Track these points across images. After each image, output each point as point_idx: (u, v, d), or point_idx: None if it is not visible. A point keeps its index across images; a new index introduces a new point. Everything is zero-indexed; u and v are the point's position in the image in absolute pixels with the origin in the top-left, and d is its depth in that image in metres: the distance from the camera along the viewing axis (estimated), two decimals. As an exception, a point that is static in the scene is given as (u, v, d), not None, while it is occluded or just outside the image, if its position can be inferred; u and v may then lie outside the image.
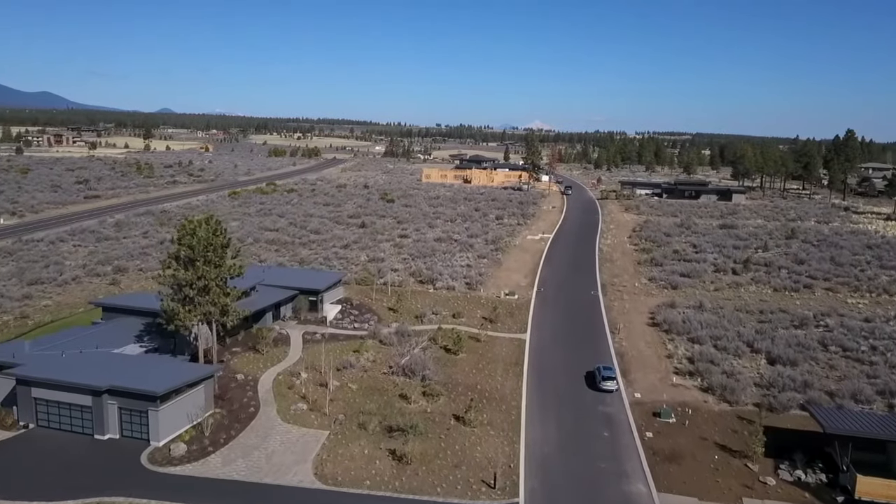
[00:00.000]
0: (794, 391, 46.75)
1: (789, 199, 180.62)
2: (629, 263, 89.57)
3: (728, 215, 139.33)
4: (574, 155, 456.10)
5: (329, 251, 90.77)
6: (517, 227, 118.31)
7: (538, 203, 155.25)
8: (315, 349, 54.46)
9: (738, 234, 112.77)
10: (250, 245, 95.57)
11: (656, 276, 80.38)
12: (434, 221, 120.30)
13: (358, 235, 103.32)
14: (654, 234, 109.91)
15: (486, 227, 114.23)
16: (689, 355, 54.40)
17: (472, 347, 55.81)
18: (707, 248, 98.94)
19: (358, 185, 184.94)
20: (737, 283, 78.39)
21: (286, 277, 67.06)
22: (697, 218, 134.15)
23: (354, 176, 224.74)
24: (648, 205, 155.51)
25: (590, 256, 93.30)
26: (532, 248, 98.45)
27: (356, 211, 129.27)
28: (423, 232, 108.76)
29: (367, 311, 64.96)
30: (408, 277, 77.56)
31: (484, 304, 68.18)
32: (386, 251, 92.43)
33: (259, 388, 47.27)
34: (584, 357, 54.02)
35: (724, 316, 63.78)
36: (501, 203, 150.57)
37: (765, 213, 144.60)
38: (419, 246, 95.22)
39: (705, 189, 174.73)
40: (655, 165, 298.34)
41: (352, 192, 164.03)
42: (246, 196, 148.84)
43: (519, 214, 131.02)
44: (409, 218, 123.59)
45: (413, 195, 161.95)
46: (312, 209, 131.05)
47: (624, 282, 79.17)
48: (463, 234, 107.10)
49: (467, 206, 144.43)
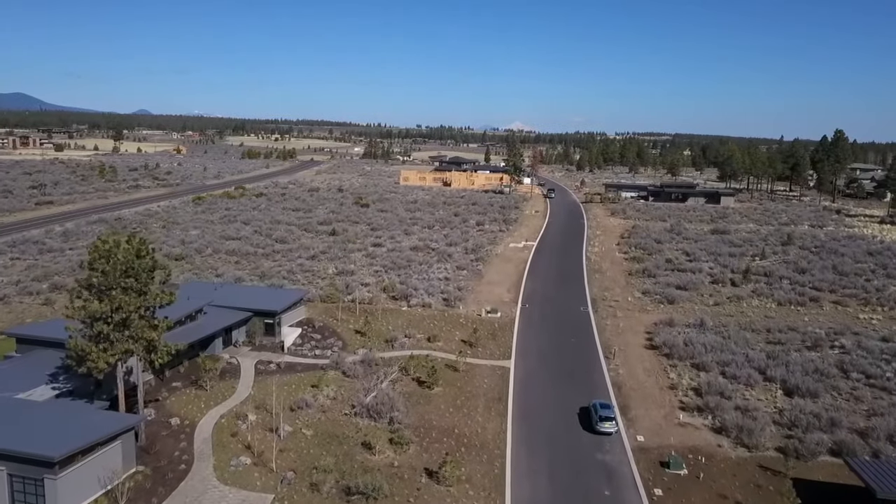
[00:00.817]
0: (819, 430, 40.62)
1: (778, 202, 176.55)
2: (620, 274, 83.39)
3: (719, 219, 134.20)
4: (555, 156, 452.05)
5: (294, 263, 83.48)
6: (499, 233, 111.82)
7: (521, 207, 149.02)
8: (268, 383, 47.34)
9: (731, 240, 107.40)
10: (208, 256, 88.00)
11: (650, 289, 74.21)
12: (411, 228, 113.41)
13: (327, 244, 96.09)
14: (644, 240, 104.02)
15: (465, 235, 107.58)
16: (695, 385, 48.12)
17: (450, 379, 49.03)
18: (701, 256, 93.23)
19: (332, 188, 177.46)
20: (737, 295, 72.52)
21: (240, 297, 59.78)
22: (687, 222, 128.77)
23: (329, 179, 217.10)
24: (635, 208, 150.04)
25: (577, 266, 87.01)
26: (515, 258, 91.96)
27: (327, 217, 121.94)
28: (399, 240, 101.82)
29: (331, 335, 57.87)
30: (379, 293, 70.61)
31: (463, 325, 61.45)
32: (357, 262, 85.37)
33: (196, 435, 40.09)
34: (577, 389, 47.53)
35: (729, 336, 57.66)
36: (482, 207, 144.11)
37: (755, 217, 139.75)
38: (393, 256, 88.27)
39: (693, 191, 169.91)
40: (639, 167, 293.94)
41: (325, 197, 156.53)
42: (211, 201, 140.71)
43: (501, 220, 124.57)
44: (385, 224, 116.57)
45: (390, 199, 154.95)
46: (281, 215, 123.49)
47: (616, 296, 72.91)
48: (441, 242, 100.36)
49: (446, 210, 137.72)
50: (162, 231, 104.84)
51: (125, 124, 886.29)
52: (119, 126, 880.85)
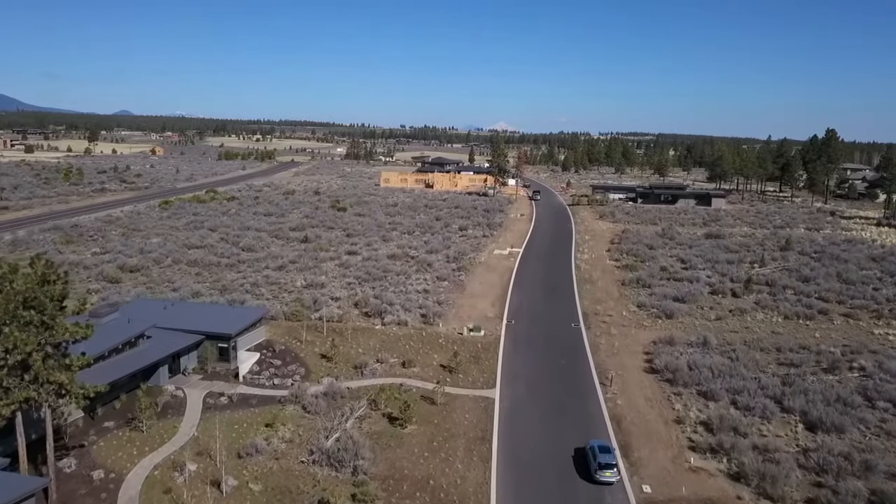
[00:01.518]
0: (853, 476, 35.18)
1: (770, 203, 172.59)
2: (612, 284, 77.87)
3: (711, 222, 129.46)
4: (540, 156, 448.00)
5: (260, 275, 77.04)
6: (483, 239, 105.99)
7: (505, 210, 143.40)
8: (216, 421, 41.10)
9: (727, 245, 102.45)
10: (167, 268, 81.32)
11: (646, 302, 68.73)
12: (389, 234, 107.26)
13: (298, 253, 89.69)
14: (636, 246, 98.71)
15: (447, 241, 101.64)
16: (705, 418, 42.57)
17: (426, 414, 43.06)
18: (697, 263, 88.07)
19: (308, 191, 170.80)
20: (740, 308, 67.21)
21: (192, 317, 53.46)
22: (679, 226, 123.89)
23: (307, 181, 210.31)
24: (623, 211, 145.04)
25: (566, 276, 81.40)
26: (500, 266, 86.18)
27: (301, 222, 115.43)
28: (376, 247, 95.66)
29: (293, 361, 51.65)
30: (350, 309, 64.48)
31: (442, 345, 55.50)
32: (329, 273, 79.10)
33: (121, 495, 33.81)
34: (571, 425, 41.79)
35: (737, 358, 52.21)
36: (465, 211, 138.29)
37: (749, 220, 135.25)
38: (369, 266, 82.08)
39: (683, 193, 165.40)
40: (625, 167, 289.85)
41: (300, 200, 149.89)
42: (179, 206, 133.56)
43: (484, 224, 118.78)
44: (361, 230, 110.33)
45: (368, 202, 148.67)
46: (251, 221, 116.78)
47: (609, 309, 67.33)
48: (421, 249, 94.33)
49: (427, 214, 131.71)
50: (120, 239, 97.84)
51: (104, 125, 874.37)
52: (97, 127, 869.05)
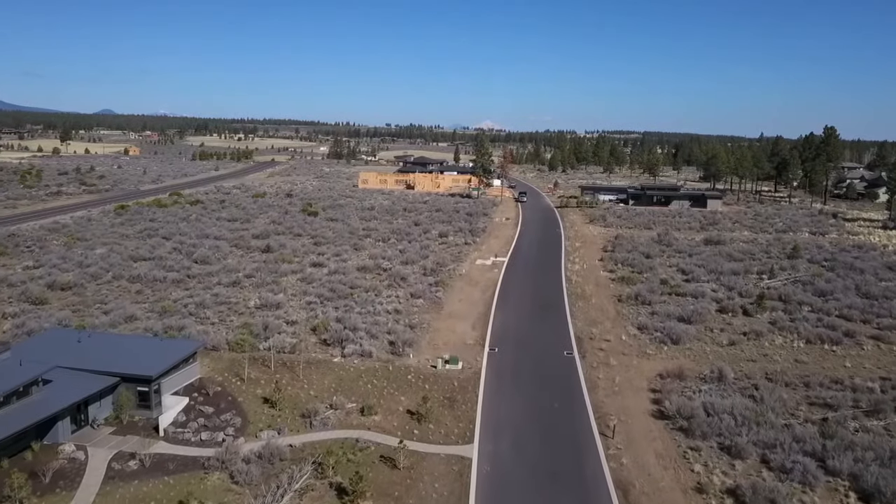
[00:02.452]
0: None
1: (767, 204, 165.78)
2: (608, 301, 69.71)
3: (709, 226, 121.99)
4: (526, 155, 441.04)
5: (210, 292, 68.08)
6: (464, 247, 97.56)
7: (490, 214, 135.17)
8: (117, 498, 32.37)
9: (729, 252, 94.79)
10: (105, 284, 72.14)
11: (647, 324, 60.58)
12: (362, 242, 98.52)
13: (257, 265, 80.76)
14: (631, 255, 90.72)
15: (425, 250, 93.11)
16: (732, 484, 34.42)
17: (384, 483, 34.55)
18: (700, 274, 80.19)
19: (280, 193, 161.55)
20: (754, 331, 59.21)
21: (109, 353, 44.77)
22: (675, 230, 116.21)
23: (282, 182, 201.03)
24: (615, 214, 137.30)
25: (556, 290, 73.15)
26: (482, 279, 77.78)
27: (266, 229, 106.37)
28: (345, 257, 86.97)
29: (229, 407, 42.89)
30: (308, 335, 55.81)
31: (412, 384, 47.01)
32: (288, 290, 70.29)
33: None
34: (566, 496, 33.40)
35: (761, 398, 44.09)
36: (447, 214, 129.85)
37: (748, 223, 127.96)
38: (335, 281, 73.30)
39: (676, 194, 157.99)
40: (614, 166, 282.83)
41: (270, 203, 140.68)
42: (136, 210, 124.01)
43: (467, 230, 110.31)
44: (332, 237, 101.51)
45: (343, 205, 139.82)
46: (212, 227, 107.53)
47: (606, 331, 59.16)
48: (396, 260, 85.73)
49: (406, 219, 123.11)
50: (60, 250, 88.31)
51: (84, 124, 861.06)
52: (76, 126, 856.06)
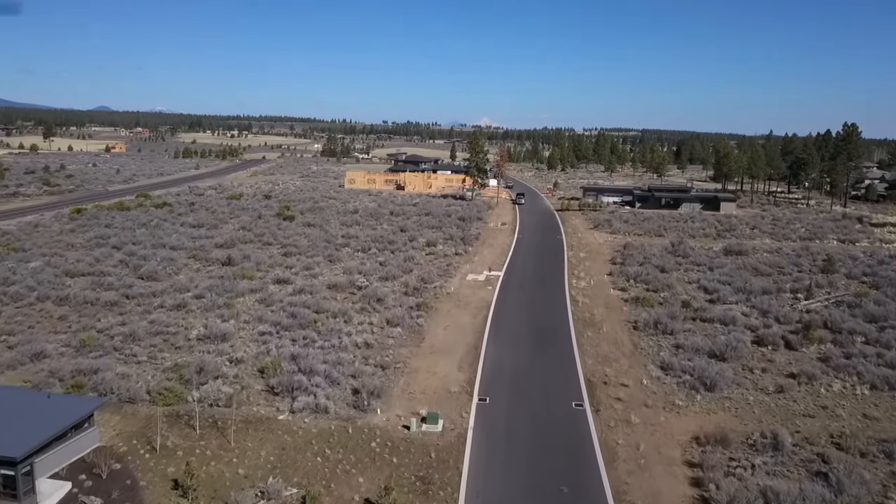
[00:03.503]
0: None
1: (783, 207, 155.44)
2: (621, 329, 59.12)
3: (726, 233, 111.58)
4: (524, 153, 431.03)
5: (146, 319, 57.36)
6: (454, 258, 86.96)
7: (484, 218, 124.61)
8: None
9: (753, 264, 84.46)
10: (26, 307, 61.38)
11: (672, 362, 49.95)
12: (338, 252, 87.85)
13: (212, 283, 69.97)
14: (644, 269, 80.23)
15: (410, 262, 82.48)
16: None
17: None
18: (725, 292, 69.66)
19: (258, 194, 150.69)
20: (804, 371, 48.55)
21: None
22: (689, 237, 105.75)
23: (264, 181, 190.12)
24: (621, 218, 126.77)
25: (560, 315, 62.56)
26: (473, 300, 67.16)
27: (233, 237, 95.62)
28: (317, 271, 76.36)
29: (126, 497, 32.12)
30: (253, 380, 45.13)
31: (376, 456, 36.35)
32: (241, 315, 59.61)
33: None
34: None
35: (838, 483, 33.39)
36: (437, 219, 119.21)
37: (766, 228, 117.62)
38: (299, 303, 62.54)
39: (687, 196, 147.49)
40: (616, 165, 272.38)
41: (244, 206, 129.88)
42: (93, 215, 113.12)
43: (458, 238, 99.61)
44: (305, 246, 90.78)
45: (325, 208, 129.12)
46: (172, 235, 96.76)
47: (622, 373, 48.57)
48: (374, 275, 75.09)
49: (391, 224, 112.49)
50: (-11, 262, 77.45)
51: (76, 121, 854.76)
52: (69, 122, 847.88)
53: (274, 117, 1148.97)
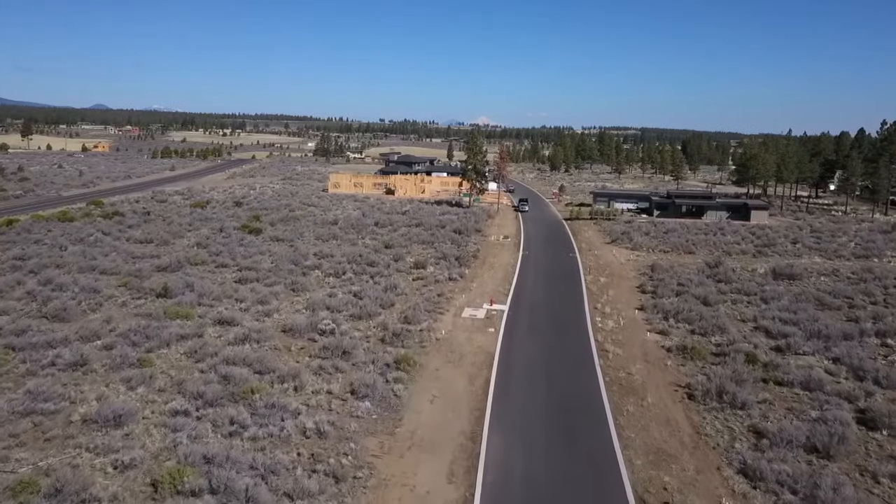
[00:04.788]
0: None
1: (818, 215, 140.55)
2: (671, 400, 44.05)
3: (765, 248, 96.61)
4: (523, 152, 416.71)
5: (21, 388, 42.09)
6: (448, 285, 71.89)
7: (483, 230, 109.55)
8: None
9: (814, 293, 69.56)
10: None
11: (761, 468, 34.63)
12: (305, 278, 72.67)
13: (133, 325, 54.70)
14: (683, 301, 65.22)
15: (391, 291, 67.29)
16: None
17: None
18: (795, 338, 54.52)
19: (229, 200, 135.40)
20: (953, 480, 33.53)
21: None
22: (723, 254, 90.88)
23: (242, 184, 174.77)
24: (640, 230, 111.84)
25: (586, 377, 47.45)
26: (470, 352, 52.06)
27: (182, 256, 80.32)
28: (273, 306, 61.20)
29: None
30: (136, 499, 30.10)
31: None
32: (157, 378, 44.40)
33: None
34: None
35: None
36: (429, 231, 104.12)
37: (810, 242, 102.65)
38: (238, 358, 47.30)
39: (711, 204, 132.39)
40: (624, 166, 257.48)
41: (208, 216, 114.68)
42: (26, 227, 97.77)
43: (453, 257, 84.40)
44: (266, 269, 75.61)
45: (300, 218, 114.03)
46: (109, 255, 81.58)
47: (687, 484, 33.55)
48: (345, 310, 59.95)
49: (375, 239, 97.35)
50: None
51: (68, 119, 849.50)
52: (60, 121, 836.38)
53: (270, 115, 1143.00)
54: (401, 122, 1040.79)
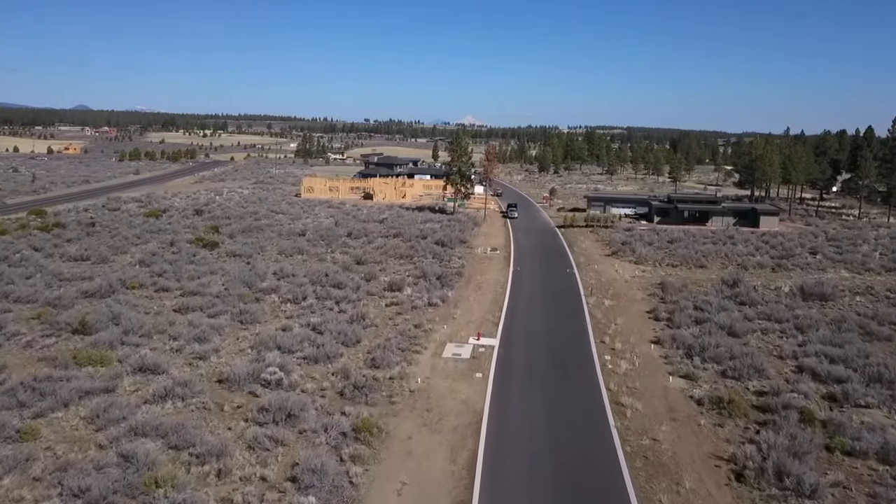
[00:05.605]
0: None
1: (829, 220, 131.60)
2: (714, 483, 33.86)
3: (783, 260, 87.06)
4: (510, 152, 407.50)
5: None
6: (427, 312, 61.46)
7: (469, 241, 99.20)
8: None
9: (857, 321, 59.73)
10: None
11: None
12: (256, 307, 61.85)
13: (28, 376, 43.73)
14: (706, 332, 55.19)
15: (359, 322, 56.76)
16: None
17: None
18: (851, 382, 44.61)
19: (189, 208, 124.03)
20: None
21: None
22: (738, 267, 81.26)
23: (207, 189, 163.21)
24: (642, 239, 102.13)
25: (600, 442, 37.23)
26: (452, 411, 41.64)
27: (117, 277, 69.12)
28: (213, 346, 50.44)
29: None
30: None
31: None
32: (40, 457, 33.58)
33: None
34: None
35: None
36: (408, 243, 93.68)
37: (830, 253, 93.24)
38: (149, 428, 36.58)
39: (716, 209, 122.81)
40: (617, 167, 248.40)
41: (161, 227, 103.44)
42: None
43: (433, 277, 73.78)
44: (215, 294, 64.71)
45: (264, 228, 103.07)
46: (32, 278, 70.28)
47: None
48: (300, 350, 49.35)
49: (346, 253, 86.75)
50: None
51: (43, 120, 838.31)
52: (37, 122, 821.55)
53: (254, 116, 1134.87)
54: (386, 122, 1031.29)
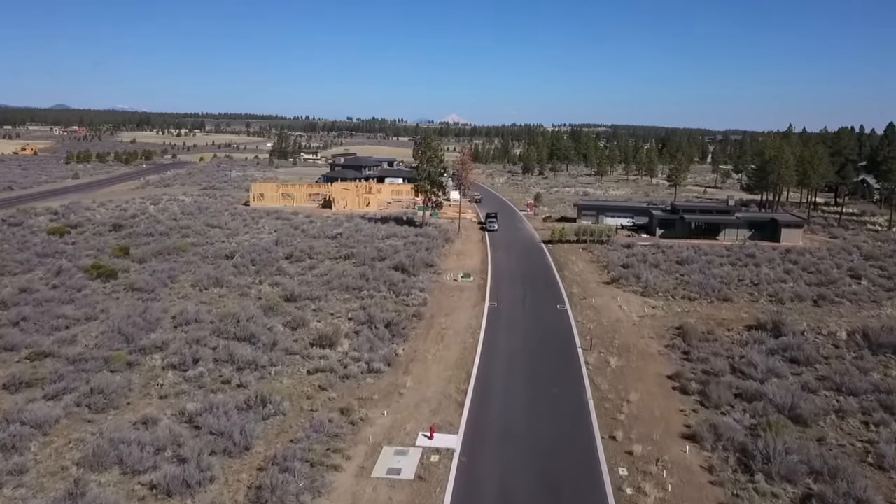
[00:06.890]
0: None
1: (852, 230, 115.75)
2: None
3: (822, 287, 70.34)
4: (493, 152, 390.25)
5: None
6: (364, 384, 44.09)
7: (437, 264, 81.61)
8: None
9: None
10: None
11: None
12: (120, 380, 44.09)
13: None
14: (766, 426, 38.34)
15: (256, 412, 39.18)
16: None
17: None
18: None
19: (108, 222, 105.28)
20: None
21: None
22: (772, 301, 64.76)
23: (145, 197, 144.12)
24: (646, 260, 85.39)
25: None
26: None
27: (-54, 332, 50.99)
28: (13, 463, 32.69)
29: None
30: None
31: None
32: None
33: None
34: None
35: None
36: (360, 268, 75.94)
37: (873, 276, 77.08)
38: None
39: (729, 220, 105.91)
40: (608, 168, 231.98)
41: (60, 247, 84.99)
42: None
43: (382, 322, 56.14)
44: (70, 361, 46.77)
45: (187, 248, 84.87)
46: None
47: None
48: (146, 475, 31.75)
49: (276, 285, 68.75)
50: None
51: (14, 119, 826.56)
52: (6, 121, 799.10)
53: (234, 115, 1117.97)
54: (368, 121, 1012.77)
